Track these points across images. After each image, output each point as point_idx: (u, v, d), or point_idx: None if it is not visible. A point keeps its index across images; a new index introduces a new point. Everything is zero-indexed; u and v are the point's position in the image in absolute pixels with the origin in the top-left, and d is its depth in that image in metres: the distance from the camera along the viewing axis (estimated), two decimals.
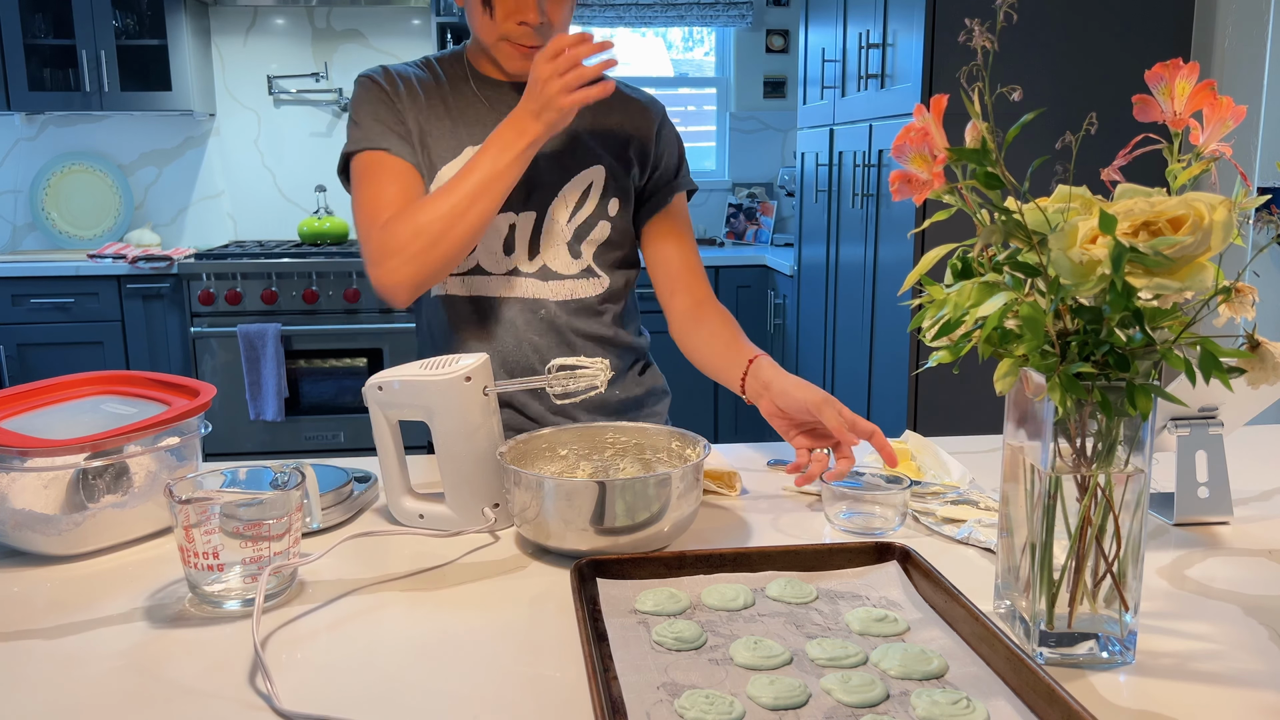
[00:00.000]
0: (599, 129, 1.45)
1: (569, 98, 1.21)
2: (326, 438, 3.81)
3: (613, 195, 1.45)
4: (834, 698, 0.73)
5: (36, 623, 0.89)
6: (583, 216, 1.44)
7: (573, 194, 1.43)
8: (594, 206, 1.43)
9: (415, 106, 1.40)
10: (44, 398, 1.13)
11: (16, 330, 3.67)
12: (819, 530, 1.10)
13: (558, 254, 1.43)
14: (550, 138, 1.30)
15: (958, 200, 0.78)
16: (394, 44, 4.23)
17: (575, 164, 1.43)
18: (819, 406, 1.17)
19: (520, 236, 1.42)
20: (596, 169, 1.43)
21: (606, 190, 1.44)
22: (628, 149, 1.46)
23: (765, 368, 1.29)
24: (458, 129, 1.40)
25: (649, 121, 1.49)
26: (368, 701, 0.75)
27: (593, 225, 1.44)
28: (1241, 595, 0.93)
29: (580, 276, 1.45)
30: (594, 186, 1.44)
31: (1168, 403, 0.91)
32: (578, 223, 1.43)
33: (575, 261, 1.44)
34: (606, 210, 1.44)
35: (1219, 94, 0.76)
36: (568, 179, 1.42)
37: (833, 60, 3.26)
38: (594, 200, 1.43)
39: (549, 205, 1.42)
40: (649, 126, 1.48)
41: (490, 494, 1.09)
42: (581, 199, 1.43)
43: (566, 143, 1.43)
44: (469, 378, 1.06)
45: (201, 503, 0.90)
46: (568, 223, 1.43)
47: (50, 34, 3.84)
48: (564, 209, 1.43)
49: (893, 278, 2.76)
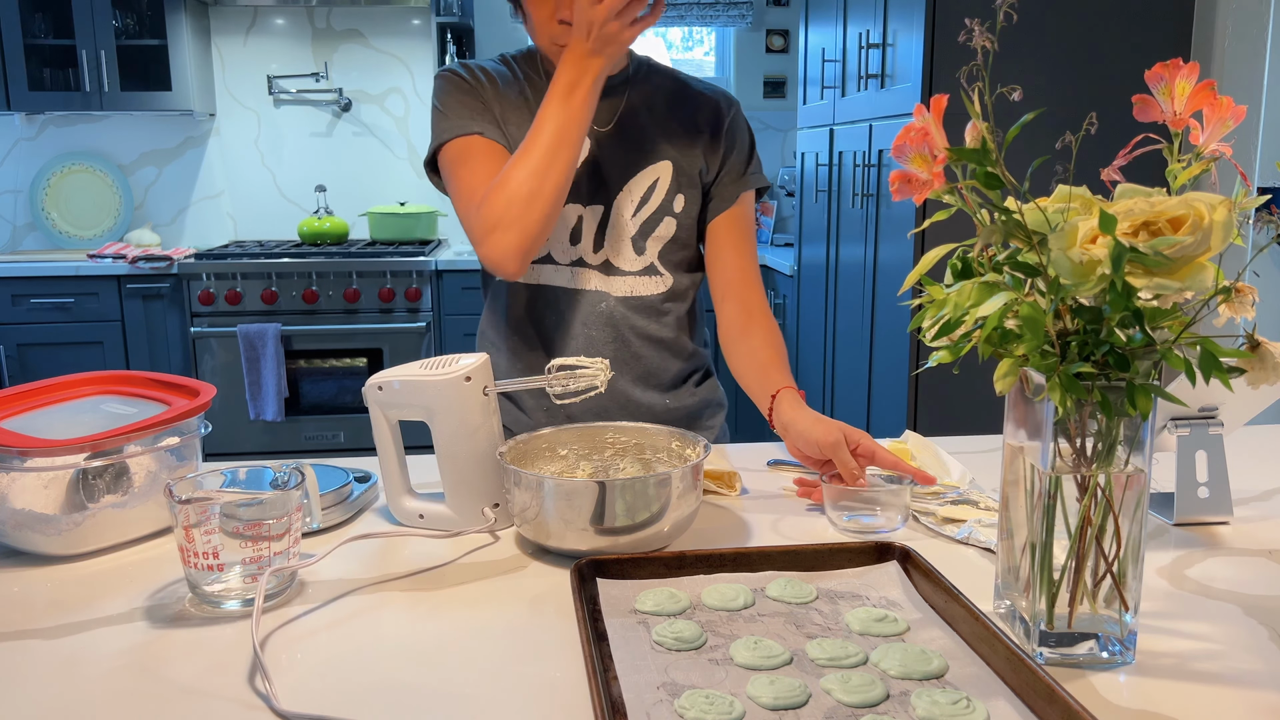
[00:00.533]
0: (667, 123, 1.45)
1: (629, 30, 1.22)
2: (326, 438, 3.81)
3: (679, 191, 1.44)
4: (834, 698, 0.73)
5: (36, 623, 0.89)
6: (648, 212, 1.44)
7: (638, 189, 1.43)
8: (659, 202, 1.43)
9: (496, 95, 1.42)
10: (44, 398, 1.13)
11: (16, 330, 3.67)
12: (819, 530, 1.10)
13: (621, 249, 1.44)
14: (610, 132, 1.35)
15: (958, 200, 0.78)
16: (394, 44, 4.23)
17: (642, 159, 1.43)
18: (832, 449, 1.17)
19: (587, 229, 1.43)
20: (663, 164, 1.44)
21: (673, 186, 1.44)
22: (696, 144, 1.46)
23: (786, 408, 1.27)
24: (526, 127, 1.40)
25: (718, 115, 1.47)
26: (367, 701, 0.75)
27: (658, 221, 1.44)
28: (1241, 595, 0.93)
29: (643, 274, 1.45)
30: (660, 182, 1.44)
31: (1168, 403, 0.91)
32: (642, 218, 1.43)
33: (639, 258, 1.44)
34: (672, 207, 1.44)
35: (1219, 94, 0.76)
36: (633, 174, 1.43)
37: (833, 60, 3.26)
38: (659, 196, 1.43)
39: (614, 199, 1.42)
40: (718, 120, 1.47)
41: (490, 494, 1.09)
42: (647, 194, 1.43)
43: (634, 137, 1.44)
44: (469, 378, 1.06)
45: (201, 503, 0.90)
46: (632, 217, 1.43)
47: (50, 34, 3.83)
48: (629, 204, 1.43)
49: (893, 278, 2.76)
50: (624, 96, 1.45)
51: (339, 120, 4.26)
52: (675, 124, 1.45)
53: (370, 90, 4.25)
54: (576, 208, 1.42)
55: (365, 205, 4.27)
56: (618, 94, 1.45)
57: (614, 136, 1.44)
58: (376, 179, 4.31)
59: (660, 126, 1.45)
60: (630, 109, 1.45)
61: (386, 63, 4.24)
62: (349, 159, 4.29)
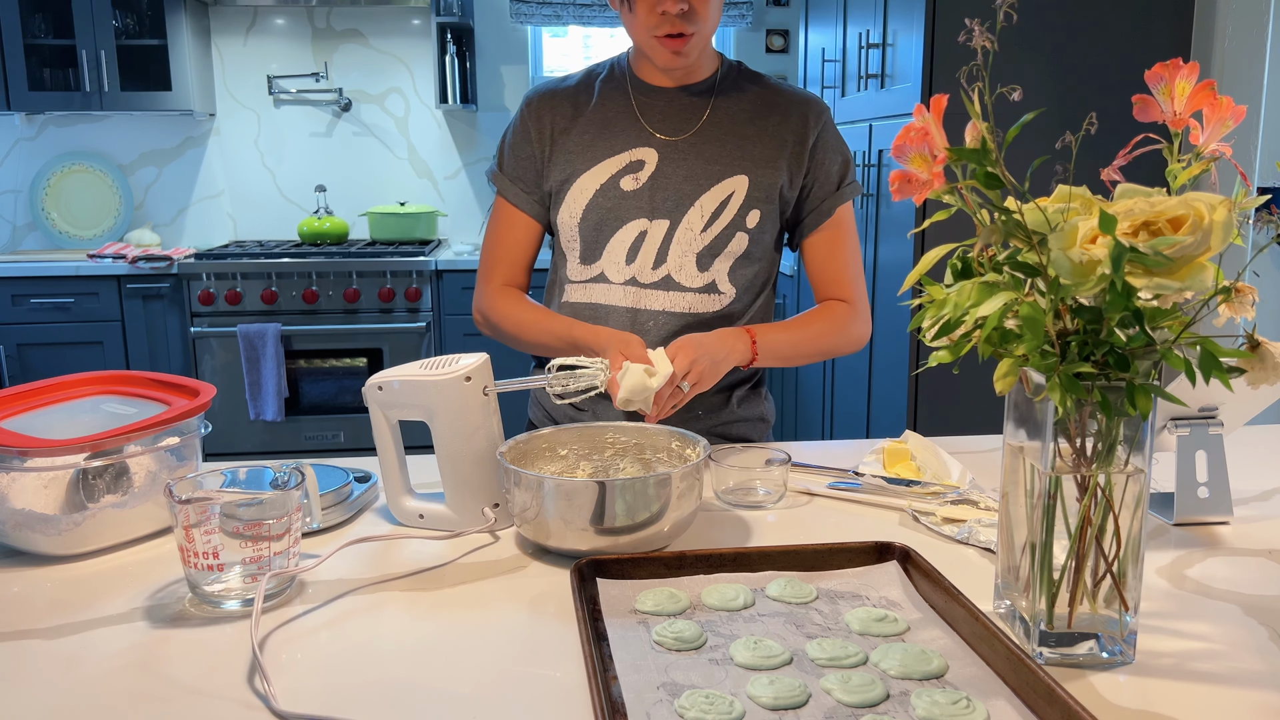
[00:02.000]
0: (748, 135, 1.42)
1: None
2: (326, 438, 3.81)
3: (754, 207, 1.41)
4: (834, 698, 0.73)
5: (37, 622, 0.89)
6: (719, 227, 1.40)
7: (710, 203, 1.40)
8: (731, 217, 1.40)
9: (555, 131, 1.45)
10: (44, 398, 1.13)
11: (16, 330, 3.67)
12: (819, 530, 1.11)
13: (685, 265, 1.41)
14: (687, 143, 1.40)
15: (958, 200, 0.78)
16: (394, 44, 4.23)
17: (717, 172, 1.40)
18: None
19: (649, 244, 1.41)
20: (739, 179, 1.40)
21: (748, 202, 1.41)
22: (779, 158, 1.42)
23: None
24: (598, 142, 1.43)
25: (805, 128, 1.43)
26: (367, 701, 0.75)
27: (729, 238, 1.41)
28: (1241, 595, 0.93)
29: (702, 291, 1.42)
30: (734, 197, 1.41)
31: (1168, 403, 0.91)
32: (713, 234, 1.40)
33: (701, 275, 1.41)
34: (744, 222, 1.41)
35: (1219, 94, 0.76)
36: (707, 188, 1.40)
37: (833, 60, 3.26)
38: (732, 211, 1.40)
39: (685, 214, 1.40)
40: (804, 133, 1.43)
41: (490, 494, 1.09)
42: (719, 209, 1.40)
43: (711, 150, 1.41)
44: (469, 378, 1.06)
45: (201, 503, 0.90)
46: (702, 232, 1.40)
47: (50, 34, 3.83)
48: (699, 219, 1.40)
49: (893, 277, 2.76)
50: (707, 105, 1.43)
51: (339, 120, 4.26)
52: (757, 136, 1.42)
53: (370, 90, 4.25)
54: (640, 223, 1.41)
55: (365, 205, 4.27)
56: (700, 101, 1.43)
57: (689, 147, 1.41)
58: (376, 179, 4.31)
59: (740, 138, 1.41)
60: (711, 119, 1.42)
61: (386, 63, 4.24)
62: (349, 159, 4.29)
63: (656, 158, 1.41)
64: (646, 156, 1.42)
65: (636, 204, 1.41)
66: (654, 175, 1.41)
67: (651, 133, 1.42)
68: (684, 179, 1.40)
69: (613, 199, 1.42)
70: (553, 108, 1.46)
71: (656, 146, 1.42)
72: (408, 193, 4.32)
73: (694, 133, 1.42)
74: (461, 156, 4.32)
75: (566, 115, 1.45)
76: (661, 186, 1.40)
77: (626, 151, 1.42)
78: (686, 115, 1.42)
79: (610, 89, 1.46)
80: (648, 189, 1.41)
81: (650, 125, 1.43)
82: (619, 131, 1.43)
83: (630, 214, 1.42)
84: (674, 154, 1.41)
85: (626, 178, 1.42)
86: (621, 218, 1.42)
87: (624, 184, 1.42)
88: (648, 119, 1.42)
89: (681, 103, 1.43)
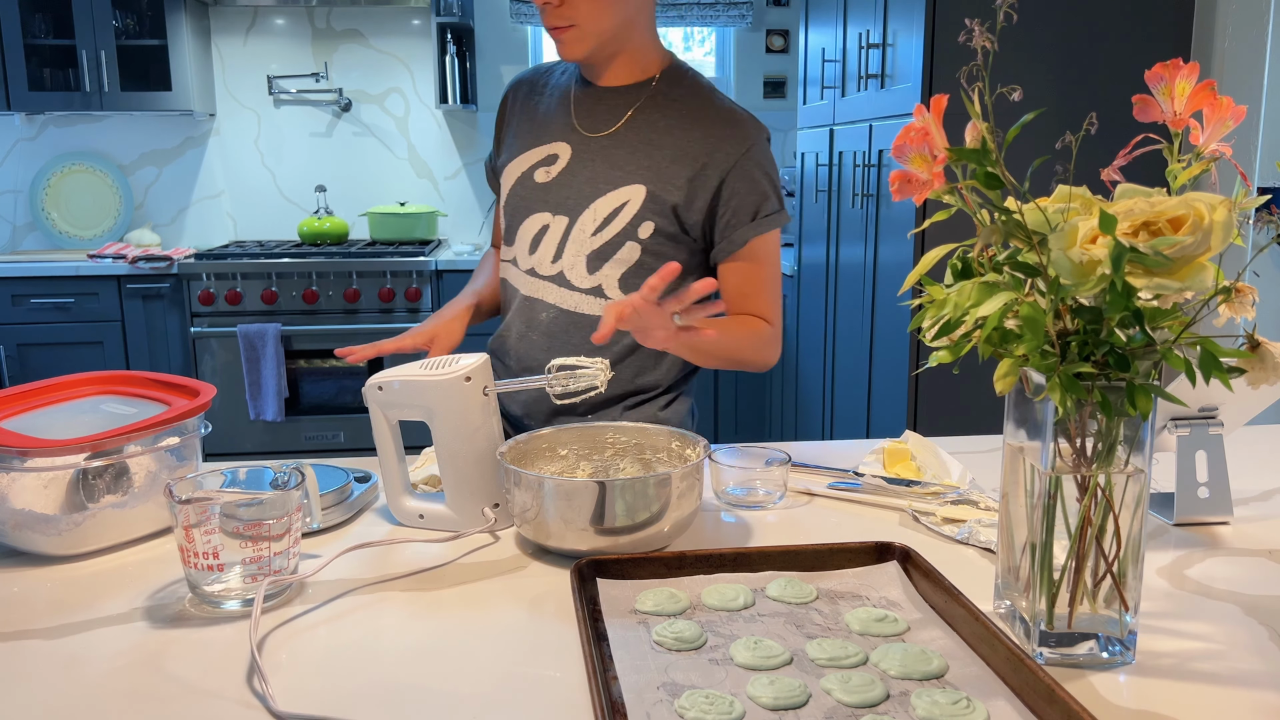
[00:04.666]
0: (664, 145, 1.38)
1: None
2: (326, 438, 3.81)
3: (648, 219, 1.38)
4: (834, 698, 0.73)
5: (37, 623, 0.89)
6: (609, 234, 1.39)
7: (604, 208, 1.39)
8: (623, 226, 1.38)
9: (511, 115, 1.52)
10: (44, 398, 1.13)
11: (16, 330, 3.67)
12: (819, 530, 1.10)
13: (576, 264, 1.41)
14: (600, 143, 1.41)
15: (958, 200, 0.78)
16: (394, 44, 4.23)
17: (617, 178, 1.39)
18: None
19: (549, 238, 1.42)
20: (636, 189, 1.38)
21: (641, 213, 1.38)
22: (682, 176, 1.37)
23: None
24: (529, 131, 1.48)
25: (724, 151, 1.37)
26: (367, 702, 0.75)
27: (619, 245, 1.38)
28: (1241, 595, 0.93)
29: (589, 293, 1.41)
30: (628, 206, 1.38)
31: (1168, 403, 0.91)
32: (603, 239, 1.39)
33: (589, 277, 1.40)
34: (636, 233, 1.38)
35: (1219, 94, 0.76)
36: (603, 191, 1.39)
37: (833, 60, 3.26)
38: (624, 219, 1.38)
39: (580, 214, 1.40)
40: (723, 156, 1.37)
41: (490, 494, 1.09)
42: (612, 215, 1.39)
43: (619, 153, 1.39)
44: (469, 378, 1.06)
45: (201, 503, 0.90)
46: (593, 235, 1.40)
47: (50, 34, 3.83)
48: (592, 221, 1.40)
49: (892, 278, 2.76)
50: (634, 106, 1.40)
51: (339, 120, 4.26)
52: (672, 148, 1.37)
53: (370, 90, 4.24)
54: (544, 216, 1.43)
55: (365, 205, 4.27)
56: (626, 103, 1.41)
57: (600, 149, 1.40)
58: (376, 179, 4.31)
59: (651, 147, 1.38)
60: (630, 123, 1.40)
61: (386, 63, 4.24)
62: (349, 159, 4.29)
63: (569, 154, 1.42)
64: (561, 151, 1.43)
65: (543, 197, 1.44)
66: (563, 171, 1.42)
67: (574, 128, 1.43)
68: (586, 180, 1.41)
69: (527, 189, 1.46)
70: (516, 93, 1.53)
71: (573, 143, 1.42)
72: (408, 193, 4.32)
73: (609, 134, 1.41)
74: (461, 156, 4.32)
75: (523, 100, 1.52)
76: (566, 184, 1.42)
77: (547, 144, 1.45)
78: (609, 115, 1.41)
79: (564, 80, 1.49)
80: (555, 184, 1.43)
81: (576, 120, 1.43)
82: (548, 123, 1.46)
83: (537, 206, 1.44)
84: (585, 153, 1.41)
85: (540, 170, 1.44)
86: (530, 208, 1.45)
87: (537, 176, 1.45)
88: (576, 114, 1.44)
89: (610, 102, 1.42)
